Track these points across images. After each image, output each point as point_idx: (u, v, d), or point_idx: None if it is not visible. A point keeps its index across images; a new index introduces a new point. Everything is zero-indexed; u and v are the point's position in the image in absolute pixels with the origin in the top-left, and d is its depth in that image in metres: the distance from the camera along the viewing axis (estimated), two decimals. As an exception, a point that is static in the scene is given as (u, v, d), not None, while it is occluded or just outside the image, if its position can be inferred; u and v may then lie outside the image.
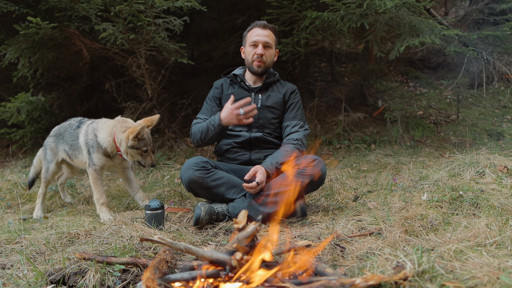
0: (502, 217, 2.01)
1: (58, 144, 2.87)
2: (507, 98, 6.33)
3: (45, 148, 2.94)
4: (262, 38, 2.55)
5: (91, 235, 2.10)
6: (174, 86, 5.37)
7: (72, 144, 2.75)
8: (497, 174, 2.78)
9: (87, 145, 2.62)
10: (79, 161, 2.77)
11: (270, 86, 2.67)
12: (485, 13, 6.14)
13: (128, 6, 3.52)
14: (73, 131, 2.77)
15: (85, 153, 2.64)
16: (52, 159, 2.90)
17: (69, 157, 2.83)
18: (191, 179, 2.35)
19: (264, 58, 2.56)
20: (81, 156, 2.71)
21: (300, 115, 2.65)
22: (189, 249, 1.46)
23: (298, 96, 2.70)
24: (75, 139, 2.73)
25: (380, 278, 1.30)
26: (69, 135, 2.78)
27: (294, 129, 2.57)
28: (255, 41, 2.56)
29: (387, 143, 4.69)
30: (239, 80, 2.66)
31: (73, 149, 2.76)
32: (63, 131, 2.86)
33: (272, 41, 2.59)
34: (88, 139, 2.62)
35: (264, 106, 2.60)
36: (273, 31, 2.61)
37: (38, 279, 1.59)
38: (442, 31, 3.71)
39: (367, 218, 2.19)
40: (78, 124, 2.79)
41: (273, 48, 2.61)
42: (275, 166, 2.36)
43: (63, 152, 2.85)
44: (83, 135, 2.66)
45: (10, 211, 2.99)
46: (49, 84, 4.89)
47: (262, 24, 2.58)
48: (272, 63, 2.66)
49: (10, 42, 4.00)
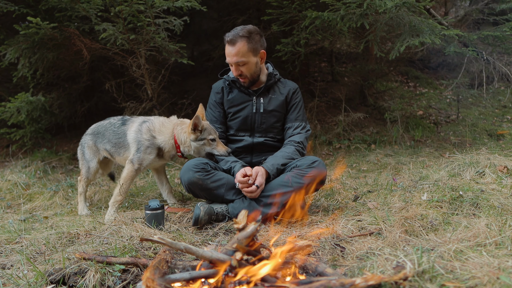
0: (502, 217, 2.01)
1: (96, 142, 2.85)
2: (507, 98, 6.33)
3: (83, 147, 2.92)
4: (231, 59, 2.41)
5: (91, 235, 2.10)
6: (174, 86, 5.38)
7: (117, 142, 2.73)
8: (497, 174, 2.78)
9: (138, 143, 2.60)
10: (123, 159, 2.73)
11: (271, 87, 2.61)
12: (485, 13, 6.14)
13: (128, 6, 3.52)
14: (117, 129, 2.75)
15: (133, 150, 2.62)
16: (92, 158, 2.87)
17: (111, 155, 2.82)
18: (191, 181, 2.35)
19: (244, 75, 2.46)
20: (127, 153, 2.68)
21: (302, 116, 2.61)
22: (189, 249, 1.46)
23: (299, 96, 2.65)
24: (121, 137, 2.71)
25: (380, 278, 1.30)
26: (112, 133, 2.76)
27: (296, 131, 2.55)
28: (228, 62, 2.47)
29: (387, 143, 4.69)
30: (238, 85, 2.58)
31: (117, 147, 2.73)
32: (103, 130, 2.83)
33: (245, 56, 2.39)
34: (143, 138, 2.59)
35: (267, 110, 2.56)
36: (245, 39, 2.37)
37: (38, 279, 1.59)
38: (442, 31, 3.71)
39: (367, 218, 2.19)
40: (121, 122, 2.77)
41: (250, 59, 2.42)
42: (276, 168, 2.36)
43: (104, 151, 2.83)
44: (134, 132, 2.64)
45: (10, 211, 2.99)
46: (49, 84, 4.89)
47: (230, 40, 2.38)
48: (259, 69, 2.52)
49: (10, 42, 4.00)
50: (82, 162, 2.92)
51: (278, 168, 2.37)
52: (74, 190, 3.51)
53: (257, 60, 2.47)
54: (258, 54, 2.47)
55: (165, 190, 2.93)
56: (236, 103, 2.59)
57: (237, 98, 2.59)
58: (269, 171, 2.32)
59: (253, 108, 2.56)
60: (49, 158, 4.66)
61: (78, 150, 2.98)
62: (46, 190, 3.42)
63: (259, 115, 2.56)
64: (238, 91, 2.60)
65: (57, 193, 3.34)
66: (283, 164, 2.39)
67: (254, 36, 2.42)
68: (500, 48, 4.67)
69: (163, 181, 2.93)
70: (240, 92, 2.60)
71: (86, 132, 2.96)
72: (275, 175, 2.36)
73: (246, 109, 2.57)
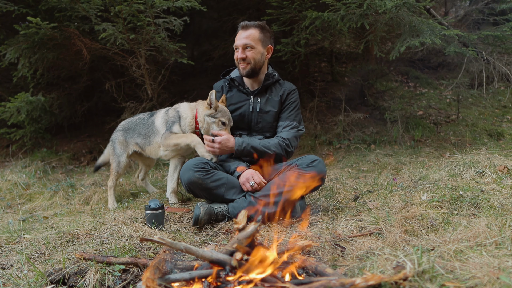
0: (502, 217, 2.01)
1: (127, 137, 3.00)
2: (507, 98, 6.33)
3: (113, 143, 3.05)
4: (241, 41, 2.50)
5: (91, 235, 2.10)
6: (174, 86, 5.37)
7: (147, 132, 2.89)
8: (497, 174, 2.78)
9: (166, 123, 2.75)
10: (152, 148, 2.86)
11: (269, 88, 2.65)
12: (485, 13, 6.14)
13: (128, 6, 3.52)
14: (146, 121, 2.93)
15: (163, 131, 2.75)
16: (122, 153, 3.01)
17: (141, 148, 2.95)
18: (191, 180, 2.35)
19: (248, 60, 2.51)
20: (157, 137, 2.80)
21: (294, 116, 2.62)
22: (189, 249, 1.46)
23: (295, 96, 2.66)
24: (149, 126, 2.88)
25: (380, 278, 1.30)
26: (143, 126, 2.93)
27: (285, 129, 2.57)
28: (235, 45, 2.55)
29: (387, 143, 4.69)
30: (236, 84, 2.65)
31: (147, 137, 2.88)
32: (133, 125, 3.00)
33: (254, 41, 2.50)
34: (169, 117, 2.77)
35: (263, 110, 2.59)
36: (259, 28, 2.52)
37: (38, 279, 1.59)
38: (442, 31, 3.71)
39: (367, 218, 2.19)
40: (150, 114, 2.97)
41: (258, 47, 2.52)
42: (244, 145, 2.43)
43: (134, 145, 2.97)
44: (161, 117, 2.83)
45: (10, 211, 2.99)
46: (49, 84, 4.89)
47: (244, 25, 2.52)
48: (262, 62, 2.57)
49: (10, 42, 4.00)
50: (113, 158, 3.04)
51: (246, 148, 2.42)
52: (74, 190, 3.51)
53: (263, 51, 2.56)
54: (266, 47, 2.57)
55: (170, 188, 2.94)
56: (234, 102, 2.65)
57: (235, 96, 2.65)
58: (236, 143, 2.42)
59: (249, 107, 2.61)
60: (49, 158, 4.66)
61: (108, 147, 3.14)
62: (46, 190, 3.42)
63: (255, 114, 2.60)
64: (237, 90, 2.66)
65: (57, 193, 3.34)
66: (254, 147, 2.43)
67: (266, 30, 2.57)
68: (500, 48, 4.66)
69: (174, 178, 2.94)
70: (238, 92, 2.66)
71: (116, 129, 3.10)
72: (239, 151, 2.43)
73: (243, 108, 2.62)
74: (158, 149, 2.81)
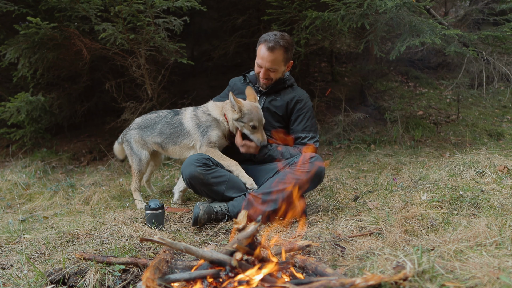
0: (502, 217, 2.01)
1: (143, 135, 2.86)
2: (507, 98, 6.33)
3: (129, 143, 2.90)
4: (266, 64, 2.50)
5: (91, 235, 2.10)
6: (174, 86, 5.37)
7: (172, 132, 2.74)
8: (497, 174, 2.78)
9: (200, 127, 2.63)
10: (178, 148, 2.75)
11: (279, 90, 2.67)
12: (485, 13, 6.13)
13: (128, 6, 3.52)
14: (170, 120, 2.78)
15: (197, 135, 2.64)
16: (141, 150, 2.87)
17: (162, 147, 2.81)
18: (192, 175, 2.36)
19: (270, 78, 2.58)
20: (186, 140, 2.69)
21: (310, 126, 2.63)
22: (189, 249, 1.46)
23: (307, 106, 2.65)
24: (176, 126, 2.74)
25: (380, 278, 1.30)
26: (166, 124, 2.78)
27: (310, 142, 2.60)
28: (259, 64, 2.54)
29: (387, 143, 4.69)
30: (248, 81, 2.74)
31: (172, 137, 2.74)
32: (151, 123, 2.84)
33: (279, 64, 2.51)
34: (201, 121, 2.65)
35: (267, 108, 2.63)
36: (283, 49, 2.48)
37: (38, 279, 1.59)
38: (442, 31, 3.71)
39: (367, 218, 2.19)
40: (174, 113, 2.82)
41: (281, 68, 2.56)
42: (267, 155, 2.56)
43: (153, 144, 2.85)
44: (191, 120, 2.69)
45: (10, 211, 2.99)
46: (49, 84, 4.89)
47: (270, 47, 2.45)
48: (283, 75, 2.64)
49: (10, 42, 4.00)
50: (132, 157, 2.90)
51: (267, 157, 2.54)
52: (74, 190, 3.51)
53: (285, 69, 2.61)
54: (288, 63, 2.60)
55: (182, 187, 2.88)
56: (241, 93, 2.70)
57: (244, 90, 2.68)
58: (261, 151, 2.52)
59: None
60: (49, 158, 4.66)
61: (125, 147, 2.96)
62: (46, 190, 3.42)
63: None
64: (252, 85, 2.73)
65: (57, 193, 3.34)
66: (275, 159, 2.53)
67: (291, 48, 2.55)
68: (500, 48, 4.65)
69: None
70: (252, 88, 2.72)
71: (130, 127, 2.95)
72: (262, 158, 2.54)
73: None
74: (187, 150, 2.71)
